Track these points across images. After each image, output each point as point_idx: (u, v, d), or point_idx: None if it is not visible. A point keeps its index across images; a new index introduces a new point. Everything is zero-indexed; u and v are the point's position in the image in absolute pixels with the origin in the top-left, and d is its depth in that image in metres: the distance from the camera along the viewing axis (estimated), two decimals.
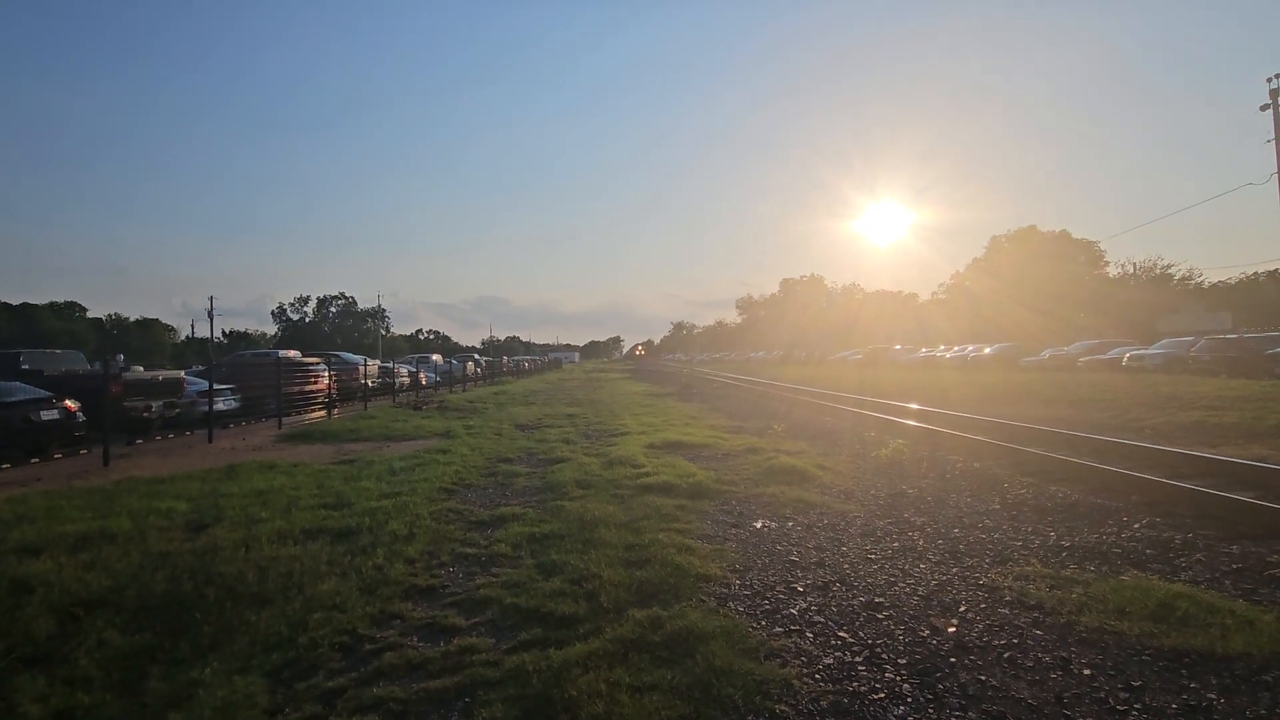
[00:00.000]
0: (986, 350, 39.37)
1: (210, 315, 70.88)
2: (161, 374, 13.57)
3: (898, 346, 53.69)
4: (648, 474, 7.54)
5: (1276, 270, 51.72)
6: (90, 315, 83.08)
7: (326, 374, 17.41)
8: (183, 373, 14.17)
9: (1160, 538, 4.76)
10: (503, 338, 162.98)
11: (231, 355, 26.20)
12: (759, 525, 5.49)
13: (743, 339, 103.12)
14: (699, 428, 12.38)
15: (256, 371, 16.41)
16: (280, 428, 13.89)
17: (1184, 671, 2.84)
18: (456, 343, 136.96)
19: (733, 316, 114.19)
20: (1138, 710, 2.57)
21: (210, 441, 11.87)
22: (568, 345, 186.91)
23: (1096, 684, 2.77)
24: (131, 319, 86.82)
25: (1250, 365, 22.59)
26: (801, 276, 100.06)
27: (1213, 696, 2.64)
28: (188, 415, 13.50)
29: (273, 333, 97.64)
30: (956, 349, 43.12)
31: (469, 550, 4.94)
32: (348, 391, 19.89)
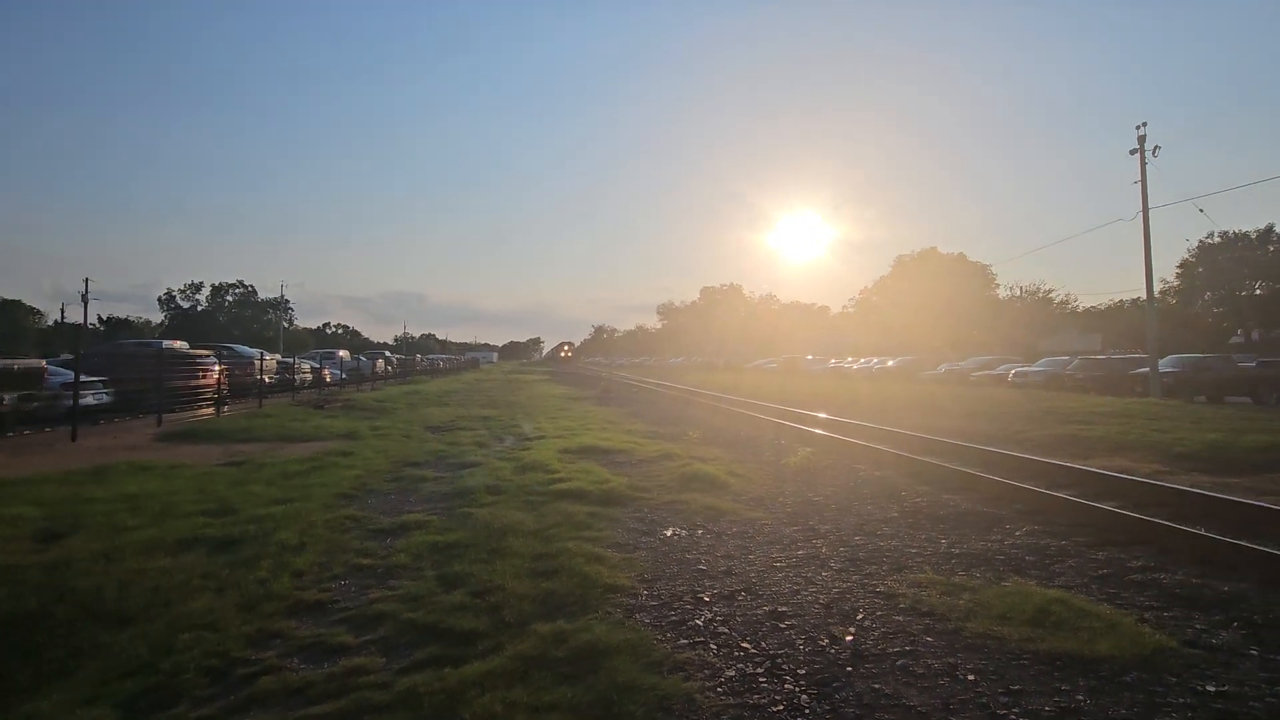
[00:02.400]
0: (890, 363, 41.65)
1: (84, 299, 64.29)
2: (18, 363, 12.15)
3: (810, 356, 55.91)
4: (562, 480, 7.41)
5: (1139, 298, 57.58)
6: None
7: (217, 368, 16.15)
8: (44, 362, 12.74)
9: (1039, 545, 5.11)
10: (418, 335, 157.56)
11: (108, 344, 23.90)
12: (670, 533, 5.49)
13: (663, 344, 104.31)
14: (616, 433, 12.34)
15: (135, 363, 14.98)
16: (160, 425, 12.75)
17: (1057, 674, 3.02)
18: (368, 338, 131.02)
19: (654, 322, 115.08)
20: (1016, 713, 2.70)
21: (74, 440, 10.71)
22: (486, 345, 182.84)
23: (980, 689, 2.90)
24: None
25: (1116, 383, 24.99)
26: (721, 285, 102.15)
27: (1081, 698, 2.82)
28: (49, 410, 12.15)
29: (159, 321, 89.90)
30: (863, 361, 45.37)
31: (365, 561, 4.65)
32: (241, 388, 18.54)
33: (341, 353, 34.56)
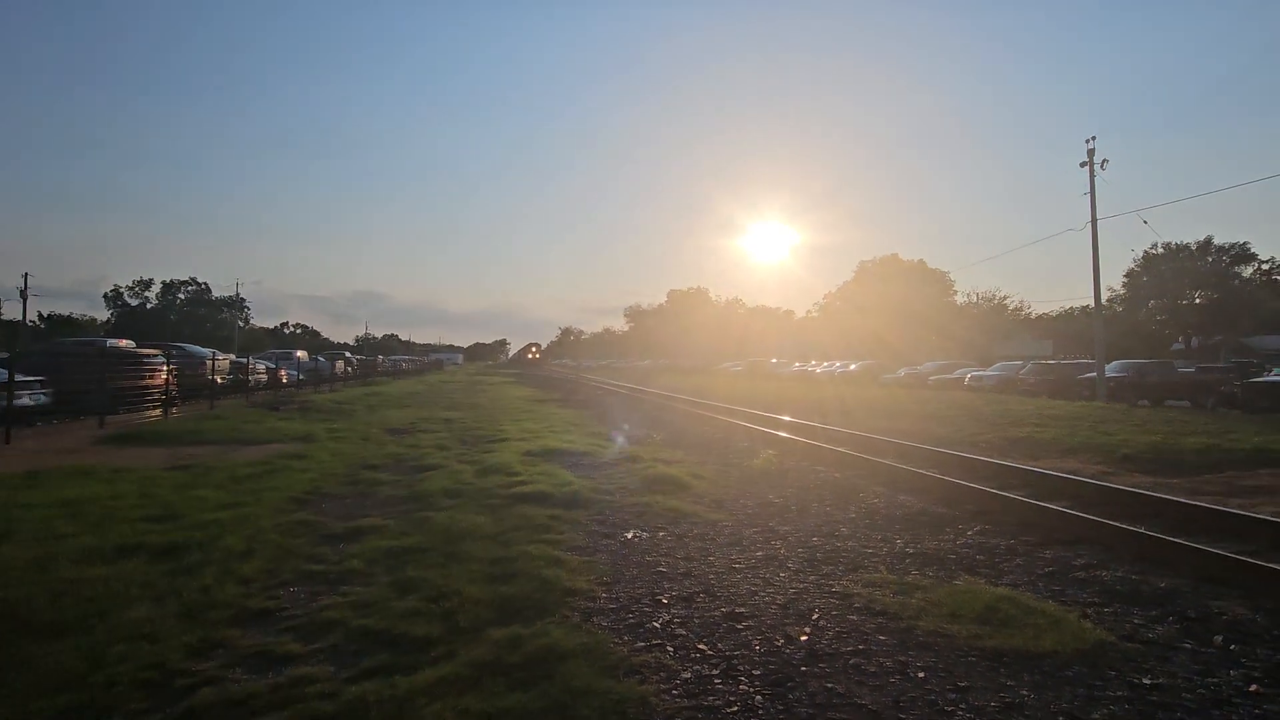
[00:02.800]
0: (852, 366, 42.47)
1: (23, 295, 61.42)
2: None
3: (774, 360, 56.65)
4: (523, 482, 7.33)
5: (1088, 306, 59.84)
6: None
7: (165, 368, 15.56)
8: None
9: (989, 544, 5.25)
10: (381, 335, 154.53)
11: (48, 343, 22.85)
12: (631, 536, 5.48)
13: (630, 347, 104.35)
14: (579, 435, 12.28)
15: (77, 362, 14.33)
16: (103, 427, 12.22)
17: (1003, 671, 3.10)
18: (328, 339, 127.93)
19: (621, 324, 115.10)
20: (963, 710, 2.76)
21: (8, 443, 10.20)
22: (451, 346, 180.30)
23: (929, 686, 2.95)
24: None
25: (1065, 388, 25.91)
26: (689, 289, 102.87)
27: (1026, 693, 2.89)
28: None
29: (105, 319, 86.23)
30: (826, 364, 46.13)
31: (317, 567, 4.52)
32: (192, 388, 17.90)
33: (299, 353, 33.64)
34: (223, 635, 3.40)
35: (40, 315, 79.07)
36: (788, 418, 15.62)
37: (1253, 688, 2.95)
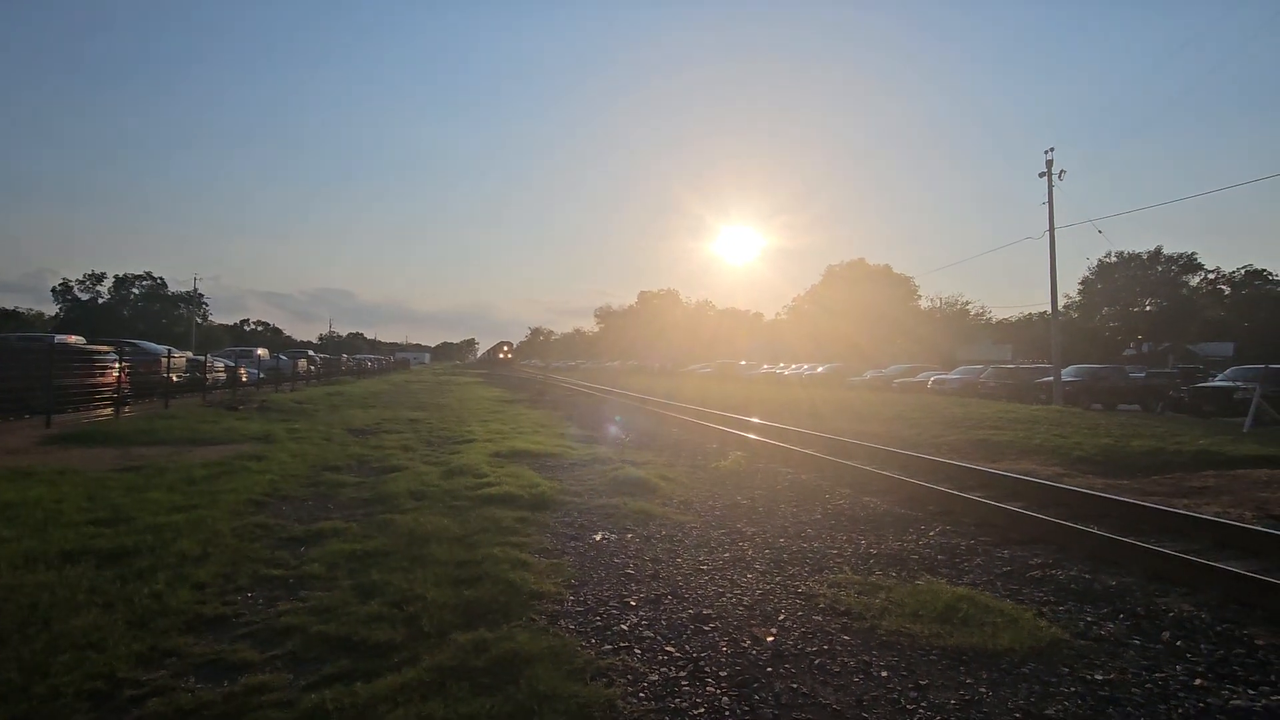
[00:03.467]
0: (819, 369, 43.07)
1: None
2: None
3: (743, 362, 57.12)
4: (490, 484, 7.25)
5: (1045, 312, 61.73)
6: None
7: (117, 365, 14.99)
8: None
9: (950, 544, 5.36)
10: (345, 334, 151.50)
11: None
12: (599, 538, 5.45)
13: (600, 348, 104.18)
14: (548, 436, 12.20)
15: (20, 358, 13.71)
16: (49, 427, 11.72)
17: (963, 668, 3.17)
18: (290, 336, 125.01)
19: (591, 325, 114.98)
20: (924, 708, 2.81)
21: None
22: (418, 345, 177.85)
23: (891, 685, 3.00)
24: None
25: (1023, 391, 26.68)
26: (659, 290, 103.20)
27: (984, 690, 2.96)
28: None
29: (53, 314, 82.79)
30: (795, 367, 46.69)
31: (275, 572, 4.40)
32: (145, 387, 17.27)
33: (259, 351, 32.78)
34: (175, 643, 3.28)
35: None
36: (756, 419, 15.76)
37: (1198, 682, 3.07)
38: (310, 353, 43.18)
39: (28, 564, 4.27)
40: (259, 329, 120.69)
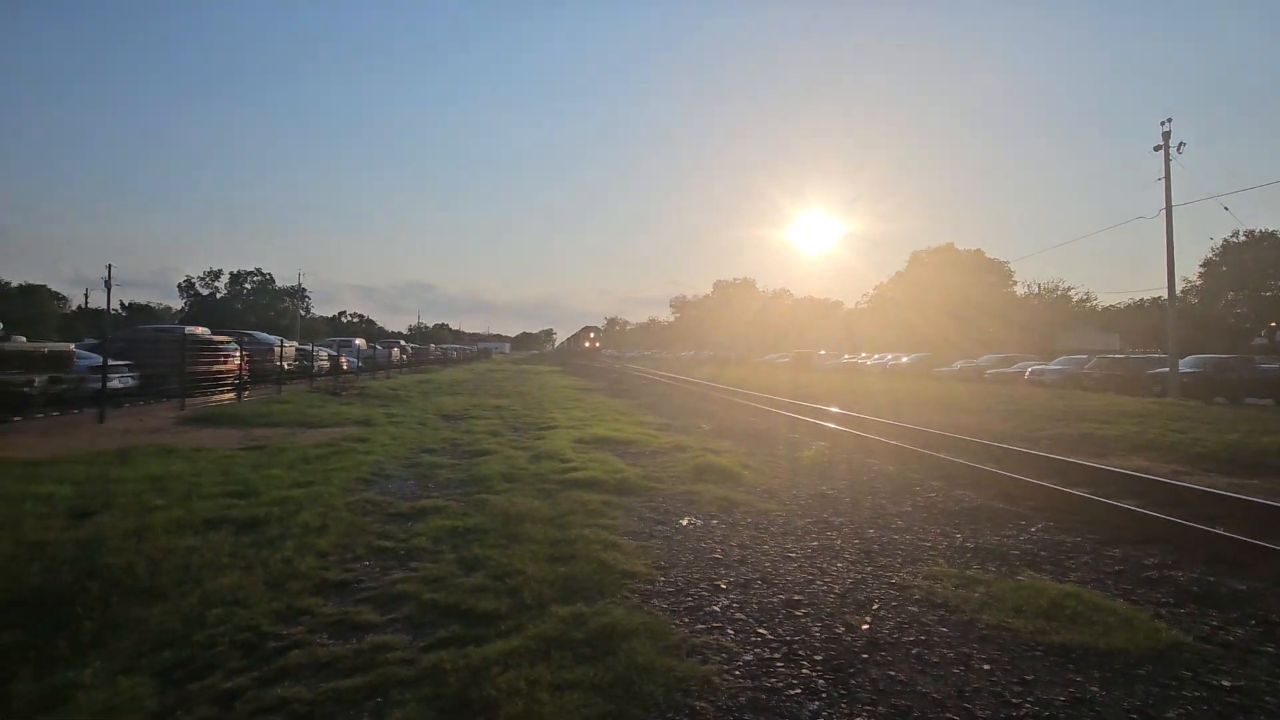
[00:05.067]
0: (904, 359, 41.41)
1: (108, 285, 65.45)
2: (47, 346, 12.40)
3: (822, 352, 55.72)
4: (575, 469, 7.48)
5: (1159, 297, 56.82)
6: None
7: (238, 354, 16.37)
8: (71, 346, 12.99)
9: (1053, 540, 5.12)
10: (431, 325, 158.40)
11: (130, 330, 24.28)
12: (684, 522, 5.55)
13: (675, 338, 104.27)
14: (628, 424, 12.40)
15: (158, 348, 15.22)
16: (183, 409, 12.97)
17: (1070, 666, 3.05)
18: (382, 328, 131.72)
19: (666, 315, 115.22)
20: (1030, 702, 2.74)
21: (102, 422, 10.94)
22: (498, 336, 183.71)
23: (994, 678, 2.93)
24: (13, 284, 78.96)
25: (1134, 384, 24.71)
26: (735, 279, 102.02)
27: (1095, 689, 2.85)
28: (76, 392, 12.39)
29: (179, 307, 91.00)
30: (877, 356, 45.13)
31: (386, 544, 4.75)
32: (261, 374, 18.79)
33: (358, 341, 34.88)
34: (306, 603, 3.63)
35: (121, 304, 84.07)
36: (837, 410, 15.41)
37: None
38: (402, 342, 45.48)
39: (178, 529, 4.79)
40: (354, 320, 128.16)
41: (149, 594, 3.69)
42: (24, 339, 16.17)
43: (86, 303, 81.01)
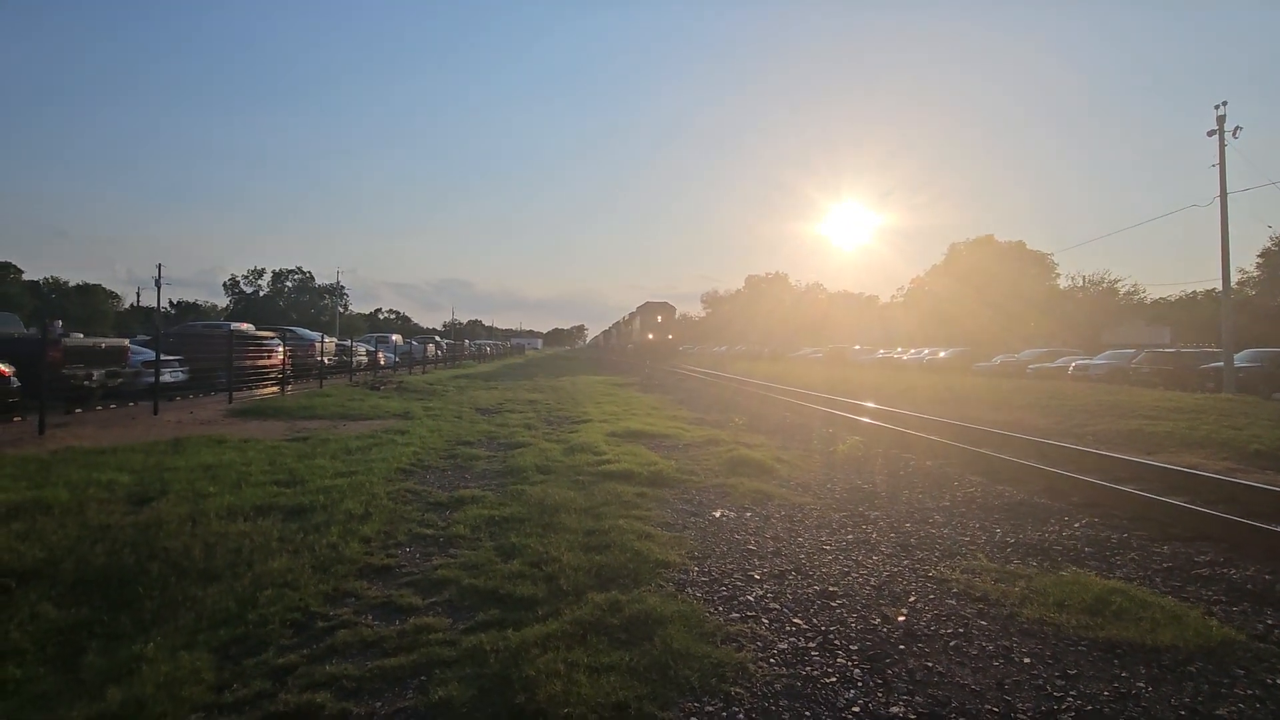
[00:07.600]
0: (941, 354, 40.51)
1: (158, 283, 68.14)
2: (104, 341, 12.97)
3: (857, 346, 54.85)
4: (609, 461, 7.54)
5: (1213, 289, 54.45)
6: (26, 278, 78.71)
7: (281, 349, 16.89)
8: (127, 341, 13.56)
9: (1098, 537, 4.99)
10: (465, 321, 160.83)
11: (180, 326, 25.24)
12: (718, 514, 5.56)
13: (707, 333, 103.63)
14: (660, 418, 12.43)
15: (206, 343, 15.80)
16: (231, 402, 13.44)
17: (1116, 661, 2.99)
18: (417, 324, 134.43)
19: (697, 310, 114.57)
20: (1073, 696, 2.69)
21: (156, 414, 11.41)
22: (531, 331, 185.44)
23: (1035, 671, 2.89)
24: (71, 284, 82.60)
25: (1185, 378, 23.77)
26: (767, 274, 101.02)
27: (1142, 685, 2.78)
28: (131, 386, 12.94)
29: (224, 305, 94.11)
30: (914, 351, 44.24)
31: (427, 531, 4.88)
32: (303, 368, 19.36)
33: (395, 337, 35.65)
34: (352, 586, 3.76)
35: (170, 302, 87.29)
36: (872, 405, 15.19)
37: None
38: (437, 338, 46.26)
39: (230, 516, 4.99)
40: (391, 316, 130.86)
41: (205, 575, 3.87)
42: (81, 335, 16.93)
43: (138, 301, 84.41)
